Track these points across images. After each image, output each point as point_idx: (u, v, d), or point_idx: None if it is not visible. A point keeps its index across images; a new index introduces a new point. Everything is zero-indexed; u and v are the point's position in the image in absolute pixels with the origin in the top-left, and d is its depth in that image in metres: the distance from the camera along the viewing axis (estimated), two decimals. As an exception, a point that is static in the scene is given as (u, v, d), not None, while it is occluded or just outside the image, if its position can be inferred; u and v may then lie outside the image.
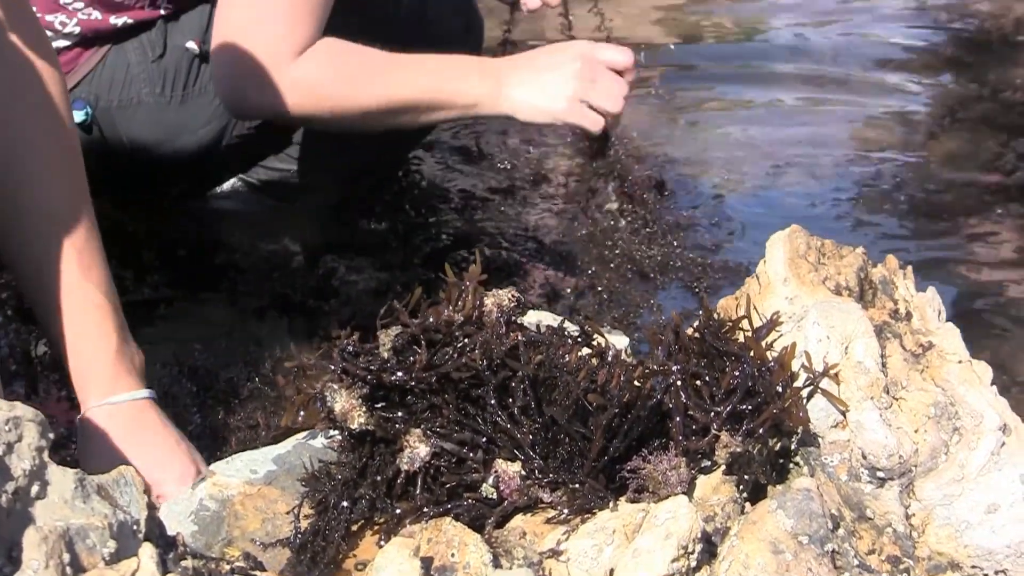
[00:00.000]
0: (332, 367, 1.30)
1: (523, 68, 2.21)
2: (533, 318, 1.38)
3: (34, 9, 2.13)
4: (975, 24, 3.33)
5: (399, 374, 1.27)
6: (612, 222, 2.46)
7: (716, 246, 2.44)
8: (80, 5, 2.23)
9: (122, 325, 1.62)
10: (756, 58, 3.24)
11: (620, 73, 2.16)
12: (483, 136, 2.88)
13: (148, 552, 1.09)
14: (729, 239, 2.46)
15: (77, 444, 1.59)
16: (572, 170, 2.70)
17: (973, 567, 1.25)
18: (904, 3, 3.58)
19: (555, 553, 1.22)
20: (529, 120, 2.21)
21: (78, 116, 2.23)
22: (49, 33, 2.18)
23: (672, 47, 3.37)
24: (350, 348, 1.30)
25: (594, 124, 2.16)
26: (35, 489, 1.11)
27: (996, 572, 1.25)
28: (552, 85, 2.16)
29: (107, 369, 1.58)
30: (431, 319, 1.28)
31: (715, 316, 1.36)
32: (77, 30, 2.25)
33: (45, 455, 1.14)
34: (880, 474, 1.30)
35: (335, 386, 1.29)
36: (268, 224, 2.41)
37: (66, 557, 1.06)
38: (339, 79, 2.15)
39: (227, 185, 2.53)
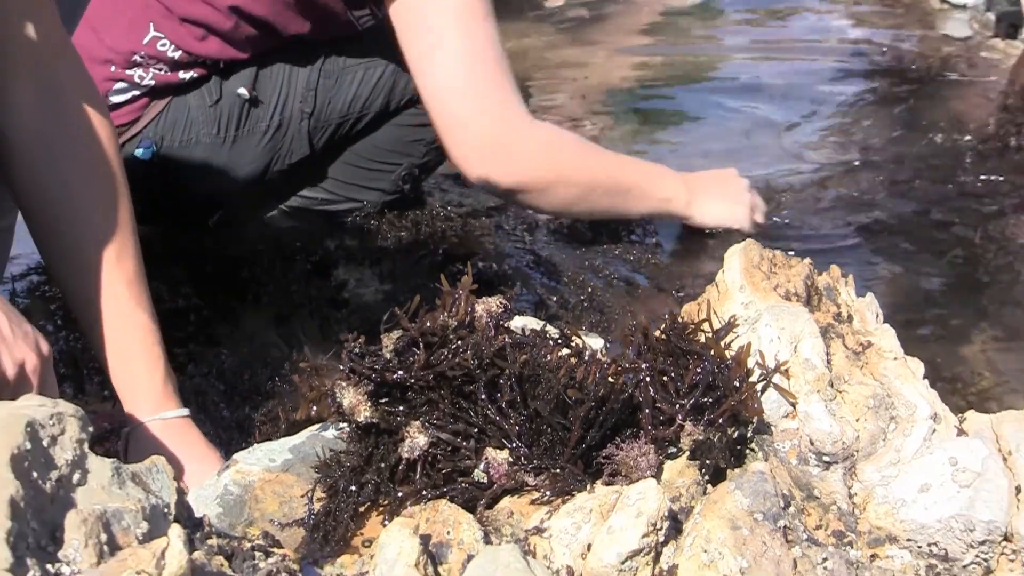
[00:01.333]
0: (341, 367, 1.30)
1: (710, 186, 2.44)
2: (519, 322, 1.38)
3: (113, 68, 2.20)
4: (906, 63, 3.33)
5: (400, 373, 1.27)
6: (599, 235, 2.46)
7: (690, 255, 2.43)
8: (154, 62, 2.30)
9: (164, 350, 1.63)
10: (705, 94, 3.25)
11: None
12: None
13: (177, 532, 1.08)
14: (701, 250, 2.45)
15: (128, 453, 1.58)
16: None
17: (908, 540, 1.25)
18: (840, 45, 3.58)
19: (539, 530, 1.22)
20: (706, 224, 2.45)
21: (145, 154, 2.30)
22: (126, 84, 2.29)
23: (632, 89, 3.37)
24: (357, 350, 1.30)
25: (753, 228, 2.44)
26: (76, 477, 1.10)
27: (928, 544, 1.25)
28: (732, 203, 2.44)
29: (156, 390, 1.60)
30: (428, 324, 1.28)
31: (679, 319, 1.36)
32: (152, 83, 2.31)
33: (85, 446, 1.13)
34: (826, 458, 1.30)
35: (344, 384, 1.29)
36: (286, 242, 2.41)
37: (103, 537, 1.05)
38: (570, 148, 2.25)
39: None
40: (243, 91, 2.33)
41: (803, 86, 3.36)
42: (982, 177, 2.54)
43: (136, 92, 2.31)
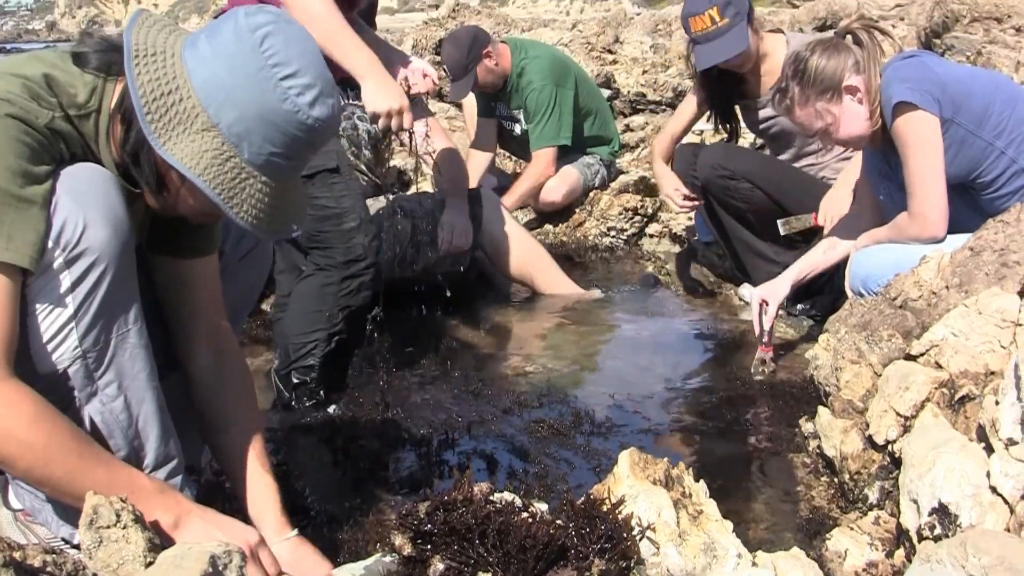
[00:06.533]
0: (394, 520, 1.32)
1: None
2: (498, 496, 1.39)
3: None
4: (718, 334, 3.35)
5: (429, 526, 1.30)
6: (547, 434, 2.42)
7: (604, 446, 2.38)
8: None
9: (281, 496, 1.64)
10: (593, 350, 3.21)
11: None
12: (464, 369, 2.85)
13: (295, 623, 1.08)
14: (613, 444, 2.39)
15: None
16: (522, 403, 2.63)
17: (726, 630, 1.25)
18: (677, 322, 3.57)
19: (508, 623, 1.21)
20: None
21: None
22: None
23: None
24: (403, 511, 1.32)
25: None
26: (238, 588, 1.11)
27: (737, 633, 1.25)
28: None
29: (279, 521, 1.60)
30: (446, 498, 1.31)
31: (591, 495, 1.38)
32: None
33: (243, 569, 1.14)
34: (677, 580, 1.30)
35: (395, 531, 1.30)
36: (354, 441, 2.37)
37: (253, 626, 1.05)
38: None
39: (331, 409, 2.48)
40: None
41: (653, 348, 3.33)
42: (760, 410, 2.54)
43: None
